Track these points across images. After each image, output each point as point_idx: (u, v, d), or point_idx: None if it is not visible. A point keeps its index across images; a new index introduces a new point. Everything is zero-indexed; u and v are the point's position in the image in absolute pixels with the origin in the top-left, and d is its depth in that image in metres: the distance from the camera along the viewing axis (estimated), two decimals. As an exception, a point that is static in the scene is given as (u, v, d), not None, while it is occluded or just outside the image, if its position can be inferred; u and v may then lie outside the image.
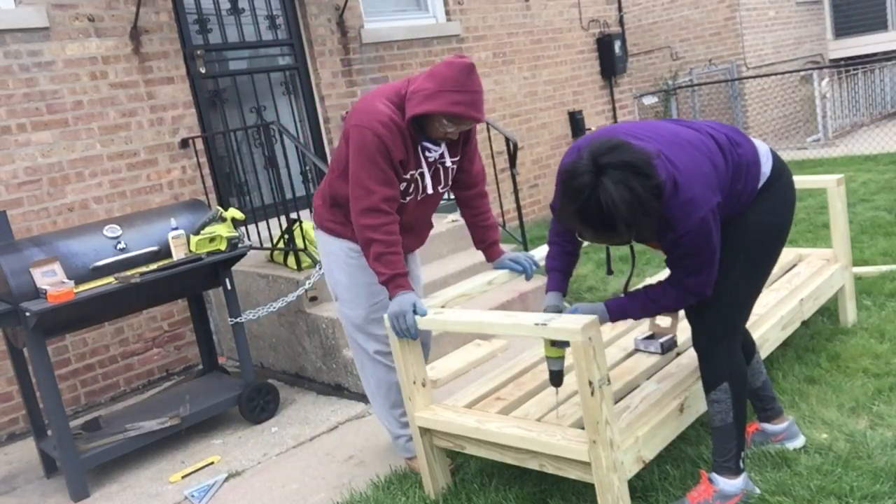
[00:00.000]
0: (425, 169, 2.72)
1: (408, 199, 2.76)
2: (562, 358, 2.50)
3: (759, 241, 2.36)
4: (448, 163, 2.79)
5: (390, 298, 2.64)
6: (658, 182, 2.01)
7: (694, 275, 2.27)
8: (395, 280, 2.62)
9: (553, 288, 2.62)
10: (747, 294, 2.42)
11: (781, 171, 2.42)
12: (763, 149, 2.43)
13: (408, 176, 2.69)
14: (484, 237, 3.01)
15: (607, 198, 1.98)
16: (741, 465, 2.44)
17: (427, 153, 2.70)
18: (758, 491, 2.47)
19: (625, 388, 2.69)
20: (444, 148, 2.74)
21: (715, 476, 2.44)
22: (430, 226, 3.03)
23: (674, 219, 2.13)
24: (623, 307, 2.39)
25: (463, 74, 2.49)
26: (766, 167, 2.39)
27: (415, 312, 2.58)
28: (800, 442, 2.70)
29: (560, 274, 2.61)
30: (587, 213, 2.03)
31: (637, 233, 2.09)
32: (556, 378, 2.54)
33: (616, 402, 2.54)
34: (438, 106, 2.50)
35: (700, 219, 2.12)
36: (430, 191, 2.78)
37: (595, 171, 2.00)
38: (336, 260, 2.90)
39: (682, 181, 2.13)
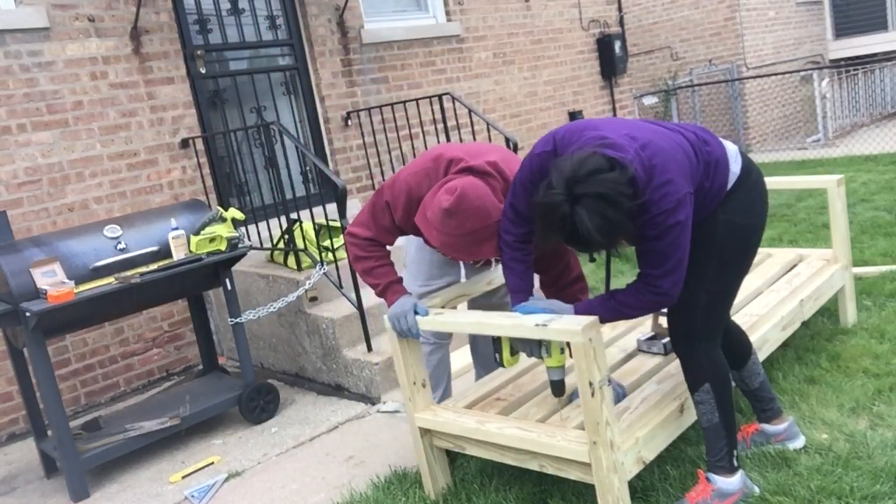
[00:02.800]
0: None
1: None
2: (562, 367, 2.48)
3: (730, 242, 2.34)
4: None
5: (389, 305, 2.67)
6: (630, 205, 2.03)
7: (665, 274, 2.18)
8: (391, 287, 2.67)
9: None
10: (722, 296, 2.40)
11: (750, 171, 2.39)
12: (732, 149, 2.40)
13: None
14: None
15: (583, 227, 2.02)
16: (735, 462, 2.45)
17: None
18: (757, 490, 2.47)
19: (627, 390, 2.69)
20: None
21: (712, 475, 2.45)
22: None
23: (650, 201, 2.10)
24: (590, 311, 2.31)
25: (476, 211, 2.39)
26: (736, 167, 2.36)
27: (416, 313, 2.60)
28: (800, 442, 2.70)
29: (525, 295, 2.52)
30: (569, 238, 2.09)
31: (617, 244, 2.13)
32: (558, 388, 2.50)
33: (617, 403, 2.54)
34: (434, 238, 2.48)
35: (676, 200, 2.10)
36: None
37: (571, 201, 2.03)
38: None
39: (659, 163, 2.12)
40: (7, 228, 3.66)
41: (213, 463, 3.54)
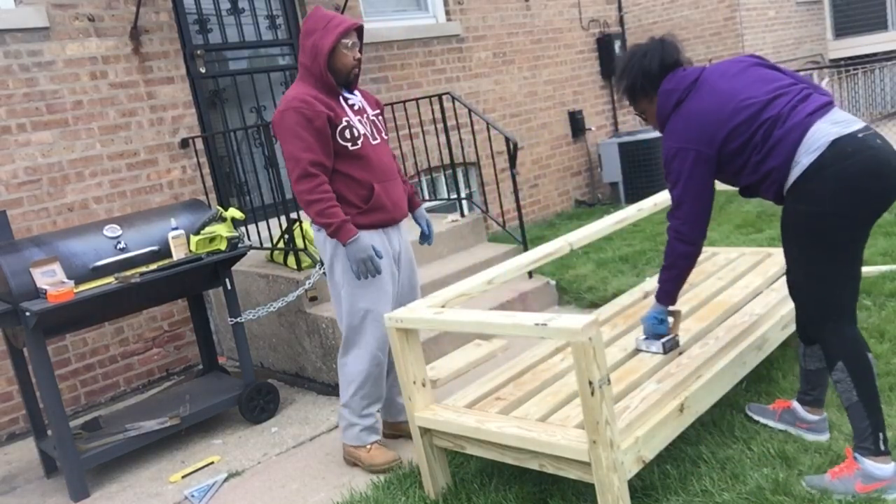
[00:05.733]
0: (351, 116, 3.05)
1: (358, 143, 3.03)
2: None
3: (806, 229, 2.39)
4: (371, 114, 3.16)
5: (344, 244, 2.93)
6: (652, 69, 2.60)
7: (672, 213, 2.58)
8: (344, 227, 2.94)
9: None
10: (826, 278, 2.41)
11: (831, 162, 2.29)
12: (818, 139, 2.33)
13: (343, 123, 3.00)
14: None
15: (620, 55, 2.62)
16: (882, 446, 2.37)
17: (350, 101, 3.09)
18: None
19: (627, 390, 2.69)
20: (359, 96, 3.16)
21: (859, 456, 2.40)
22: (399, 182, 3.23)
23: (664, 137, 2.60)
24: (660, 288, 2.76)
25: (320, 12, 3.01)
26: (807, 158, 2.33)
27: (377, 255, 2.96)
28: (823, 437, 2.72)
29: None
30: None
31: (633, 99, 2.70)
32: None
33: (616, 402, 2.54)
34: (333, 35, 2.95)
35: (673, 148, 2.52)
36: (369, 135, 3.09)
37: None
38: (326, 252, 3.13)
39: (681, 111, 2.52)
40: (7, 228, 3.66)
41: (213, 463, 3.54)
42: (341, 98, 3.07)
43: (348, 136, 3.00)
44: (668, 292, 2.76)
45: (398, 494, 2.86)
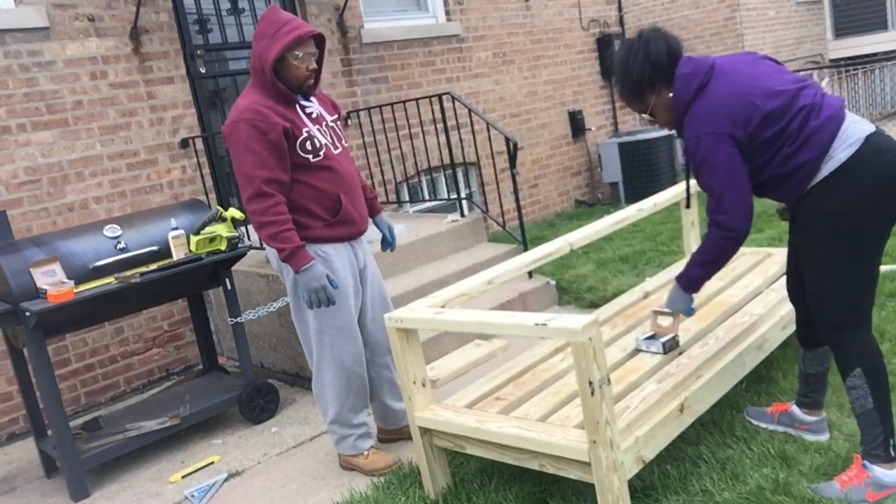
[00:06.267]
0: (310, 125, 2.90)
1: (321, 154, 2.90)
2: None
3: (830, 230, 2.29)
4: (329, 121, 3.01)
5: (297, 272, 2.79)
6: (660, 58, 2.41)
7: (715, 209, 2.36)
8: (297, 253, 2.79)
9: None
10: (848, 282, 2.32)
11: (868, 158, 2.23)
12: (852, 134, 2.26)
13: (303, 134, 2.86)
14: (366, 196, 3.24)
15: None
16: (892, 452, 2.36)
17: (307, 109, 2.94)
18: None
19: (627, 390, 2.69)
20: (317, 103, 2.99)
21: (868, 463, 2.38)
22: (361, 192, 3.12)
23: (685, 126, 2.38)
24: (689, 272, 2.56)
25: (274, 15, 2.80)
26: (844, 153, 2.24)
27: (331, 284, 2.80)
28: (823, 436, 2.71)
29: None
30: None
31: (638, 96, 2.50)
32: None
33: (616, 402, 2.54)
34: (281, 44, 2.74)
35: (702, 136, 2.31)
36: (330, 144, 2.95)
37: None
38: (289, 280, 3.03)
39: (706, 96, 2.33)
40: (7, 228, 3.66)
41: (213, 463, 3.54)
42: (297, 107, 2.91)
43: (309, 147, 2.86)
44: (699, 284, 2.58)
45: (398, 494, 2.86)
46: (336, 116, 3.09)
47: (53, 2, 4.47)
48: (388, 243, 3.30)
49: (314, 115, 2.95)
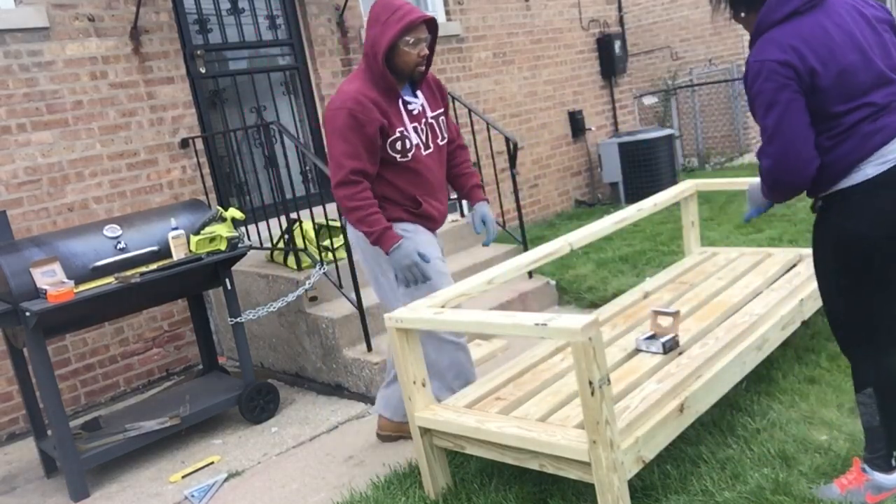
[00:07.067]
0: (407, 124, 2.92)
1: (408, 156, 2.94)
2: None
3: (843, 247, 2.19)
4: (430, 116, 3.02)
5: (388, 253, 2.83)
6: None
7: (765, 146, 2.16)
8: (385, 234, 2.84)
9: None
10: (857, 305, 2.24)
11: (893, 182, 2.09)
12: (890, 154, 2.10)
13: (396, 134, 2.88)
14: (466, 183, 3.25)
15: None
16: (893, 462, 2.34)
17: (409, 105, 2.94)
18: None
19: (627, 390, 2.69)
20: (422, 99, 2.99)
21: (868, 467, 2.37)
22: (444, 193, 3.17)
23: (757, 47, 2.15)
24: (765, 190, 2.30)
25: (388, 1, 2.79)
26: (874, 169, 2.10)
27: (422, 259, 2.80)
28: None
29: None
30: None
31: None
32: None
33: (616, 402, 2.54)
34: (394, 30, 2.74)
35: (767, 62, 2.08)
36: (422, 144, 2.97)
37: None
38: (364, 255, 3.07)
39: (794, 24, 2.11)
40: (7, 228, 3.66)
41: (213, 463, 3.54)
42: (400, 101, 2.92)
43: (399, 147, 2.90)
44: (773, 198, 2.32)
45: (398, 494, 2.86)
46: (441, 111, 3.09)
47: (53, 2, 4.47)
48: (487, 235, 3.19)
49: (415, 112, 2.97)
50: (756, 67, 2.12)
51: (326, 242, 4.37)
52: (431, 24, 2.88)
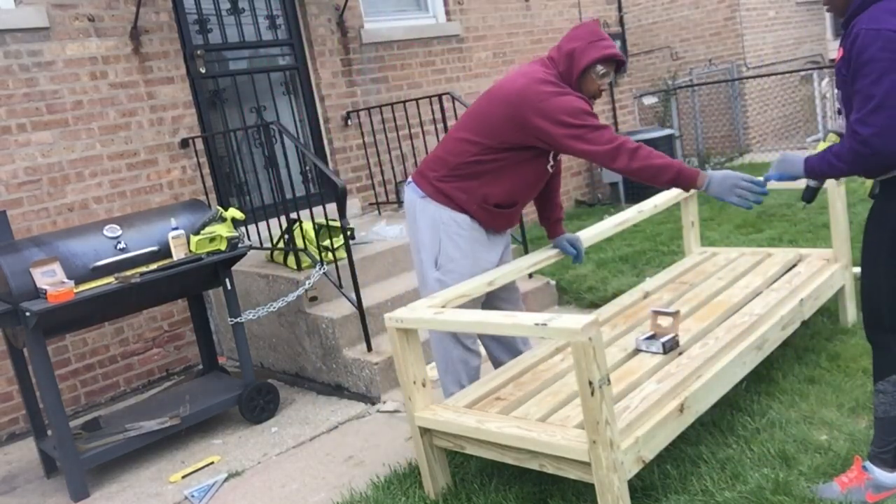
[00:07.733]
0: None
1: (549, 169, 3.01)
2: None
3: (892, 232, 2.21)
4: None
5: (698, 185, 2.72)
6: None
7: (862, 120, 2.08)
8: (684, 170, 2.71)
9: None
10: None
11: None
12: None
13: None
14: (551, 214, 3.29)
15: None
16: None
17: None
18: None
19: (627, 390, 2.69)
20: None
21: (870, 465, 2.37)
22: (521, 212, 3.23)
23: (859, 20, 2.11)
24: (813, 163, 2.29)
25: (595, 27, 2.87)
26: None
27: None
28: None
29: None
30: None
31: None
32: (811, 195, 2.53)
33: (616, 402, 2.54)
34: (596, 55, 2.79)
35: (884, 30, 2.04)
36: (553, 165, 3.05)
37: None
38: (446, 230, 3.01)
39: (891, 2, 2.09)
40: (7, 228, 3.66)
41: (212, 463, 3.54)
42: None
43: (552, 157, 2.98)
44: (818, 176, 2.35)
45: (398, 494, 2.86)
46: None
47: (53, 2, 4.47)
48: (576, 257, 3.32)
49: None
50: (872, 35, 2.06)
51: (326, 242, 4.37)
52: (620, 65, 2.94)
